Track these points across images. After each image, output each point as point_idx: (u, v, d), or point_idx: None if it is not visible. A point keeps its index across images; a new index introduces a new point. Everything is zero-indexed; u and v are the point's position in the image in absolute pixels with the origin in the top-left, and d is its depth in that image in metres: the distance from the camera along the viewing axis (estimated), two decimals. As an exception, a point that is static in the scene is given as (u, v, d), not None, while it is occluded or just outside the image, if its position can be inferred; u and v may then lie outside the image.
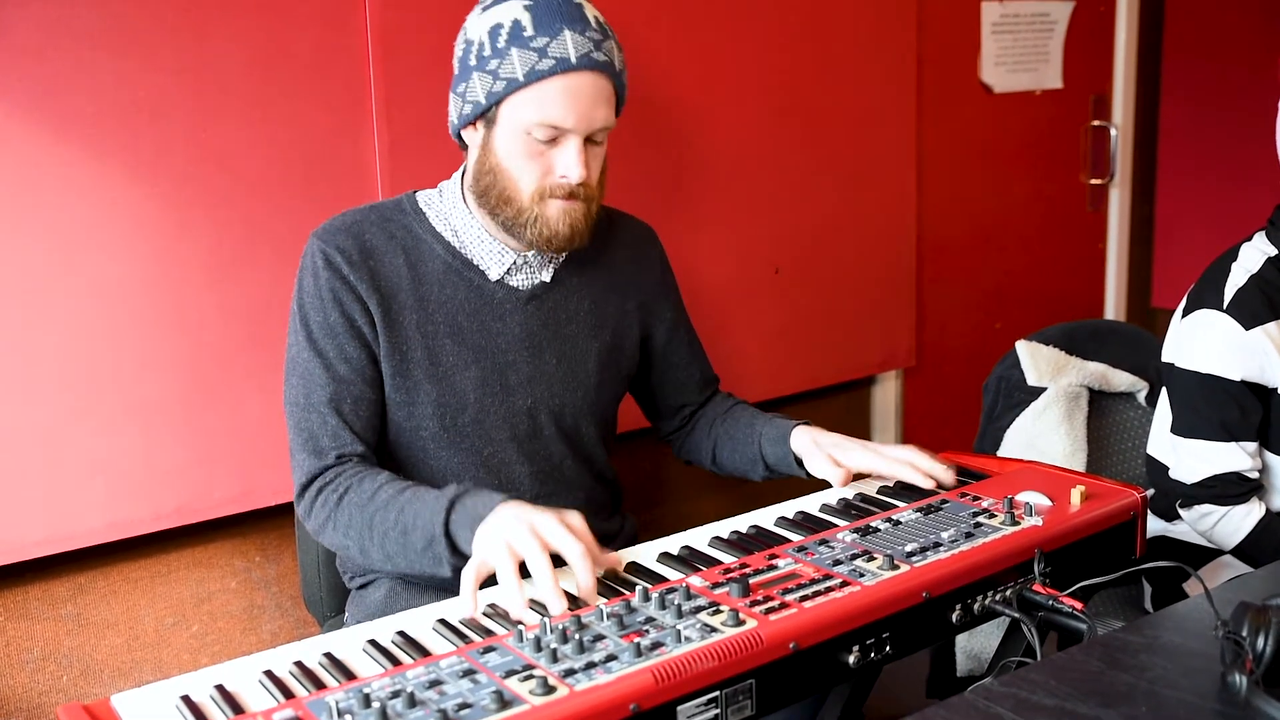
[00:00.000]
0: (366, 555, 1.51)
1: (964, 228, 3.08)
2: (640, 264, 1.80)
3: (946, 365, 3.11)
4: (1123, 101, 3.38)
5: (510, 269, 1.64)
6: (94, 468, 1.87)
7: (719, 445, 1.83)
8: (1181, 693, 1.10)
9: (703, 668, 1.11)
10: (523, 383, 1.66)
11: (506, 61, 1.51)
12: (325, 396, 1.56)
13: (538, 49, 1.50)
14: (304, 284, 1.59)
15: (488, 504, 1.39)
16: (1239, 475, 1.89)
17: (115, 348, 1.87)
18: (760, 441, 1.75)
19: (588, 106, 1.52)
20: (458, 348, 1.62)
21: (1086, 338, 2.31)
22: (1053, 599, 1.33)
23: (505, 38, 1.51)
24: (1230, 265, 1.94)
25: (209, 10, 1.87)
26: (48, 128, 1.77)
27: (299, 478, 1.57)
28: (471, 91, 1.55)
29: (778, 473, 1.76)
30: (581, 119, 1.52)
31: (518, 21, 1.51)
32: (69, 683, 1.97)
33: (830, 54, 2.64)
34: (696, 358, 1.89)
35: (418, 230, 1.63)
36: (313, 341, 1.57)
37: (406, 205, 1.66)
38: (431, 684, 1.08)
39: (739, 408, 1.86)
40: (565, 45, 1.50)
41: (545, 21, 1.50)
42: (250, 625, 2.14)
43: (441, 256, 1.62)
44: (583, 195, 1.56)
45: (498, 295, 1.64)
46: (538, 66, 1.49)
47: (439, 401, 1.62)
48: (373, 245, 1.59)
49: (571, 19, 1.51)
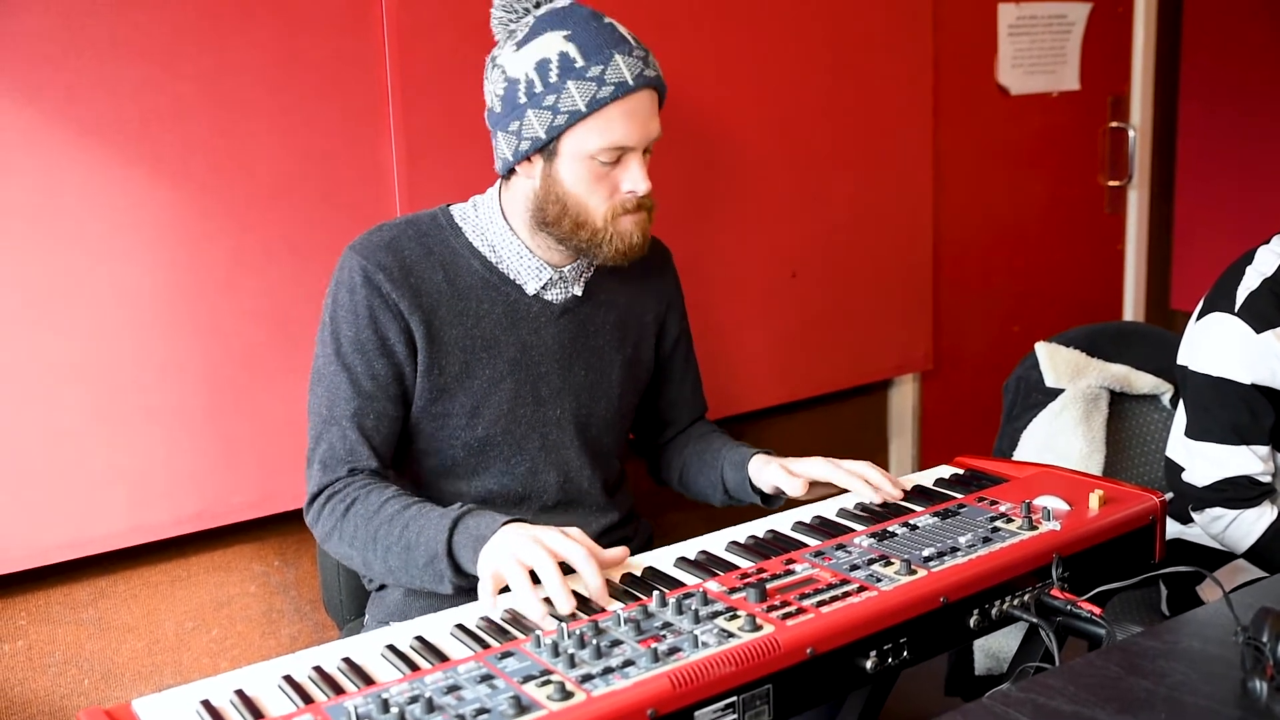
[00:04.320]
0: (369, 567, 1.53)
1: (981, 230, 3.07)
2: (658, 279, 1.83)
3: (964, 368, 3.10)
4: (1141, 103, 3.37)
5: (546, 284, 1.66)
6: (115, 472, 1.88)
7: (687, 466, 1.86)
8: (1201, 699, 1.10)
9: (720, 673, 1.11)
10: (554, 394, 1.69)
11: (565, 95, 1.52)
12: (349, 411, 1.57)
13: (594, 78, 1.51)
14: (339, 298, 1.60)
15: (490, 525, 1.41)
16: (1250, 479, 1.88)
17: (136, 353, 1.88)
18: (722, 465, 1.78)
19: (645, 122, 1.57)
20: (494, 360, 1.64)
21: (1109, 340, 2.31)
22: (1071, 604, 1.33)
23: (556, 72, 1.52)
24: (1244, 269, 1.93)
25: (228, 18, 1.88)
26: (70, 134, 1.79)
27: (311, 487, 1.59)
28: (528, 129, 1.55)
29: (735, 498, 1.79)
30: (642, 136, 1.57)
31: (565, 54, 1.52)
32: (90, 686, 1.99)
33: (847, 57, 2.64)
34: (690, 377, 1.91)
35: (455, 245, 1.65)
36: (341, 356, 1.58)
37: (442, 220, 1.67)
38: (449, 689, 1.08)
39: (715, 434, 1.89)
40: (620, 70, 1.53)
41: (593, 49, 1.52)
42: (269, 629, 2.15)
43: (479, 271, 1.64)
44: (649, 205, 1.62)
45: (534, 309, 1.66)
46: (598, 95, 1.51)
47: (473, 413, 1.63)
48: (412, 261, 1.61)
49: (618, 42, 1.54)
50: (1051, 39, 3.12)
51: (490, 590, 1.32)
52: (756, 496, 1.75)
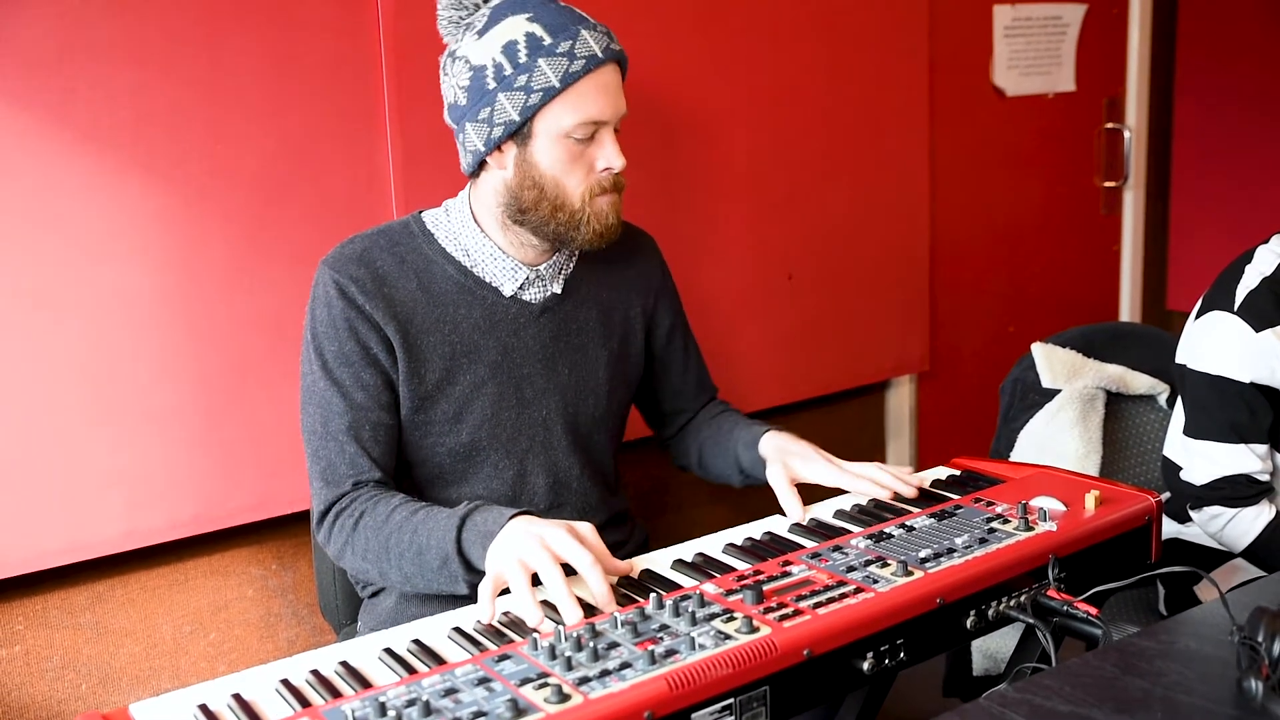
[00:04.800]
0: (385, 578, 1.52)
1: (977, 232, 3.07)
2: (642, 270, 1.82)
3: (960, 369, 3.10)
4: (1136, 104, 3.37)
5: (523, 284, 1.66)
6: (112, 477, 1.88)
7: (704, 449, 1.85)
8: (1197, 698, 1.10)
9: (717, 675, 1.11)
10: (538, 395, 1.68)
11: (537, 73, 1.52)
12: (344, 425, 1.57)
13: (565, 53, 1.52)
14: (317, 313, 1.59)
15: (498, 520, 1.40)
16: (1248, 477, 1.89)
17: (132, 357, 1.88)
18: (736, 446, 1.77)
19: (615, 96, 1.58)
20: (475, 365, 1.63)
21: (1105, 340, 2.31)
22: (1067, 604, 1.33)
23: (526, 52, 1.52)
24: (1244, 268, 1.93)
25: (223, 22, 1.88)
26: (65, 139, 1.78)
27: (317, 505, 1.59)
28: (500, 113, 1.55)
29: (753, 478, 1.77)
30: (615, 109, 1.58)
31: (531, 34, 1.53)
32: (88, 691, 1.99)
33: (842, 59, 2.64)
34: (693, 364, 1.90)
35: (428, 252, 1.64)
36: (328, 371, 1.58)
37: (414, 227, 1.67)
38: (447, 692, 1.08)
39: (726, 413, 1.87)
40: (589, 44, 1.54)
41: (558, 27, 1.54)
42: (267, 633, 2.15)
43: (454, 276, 1.64)
44: (622, 184, 1.62)
45: (512, 311, 1.66)
46: (571, 69, 1.53)
47: (456, 419, 1.63)
48: (385, 271, 1.60)
49: (579, 18, 1.56)
50: (1047, 40, 3.12)
51: (490, 593, 1.31)
52: None
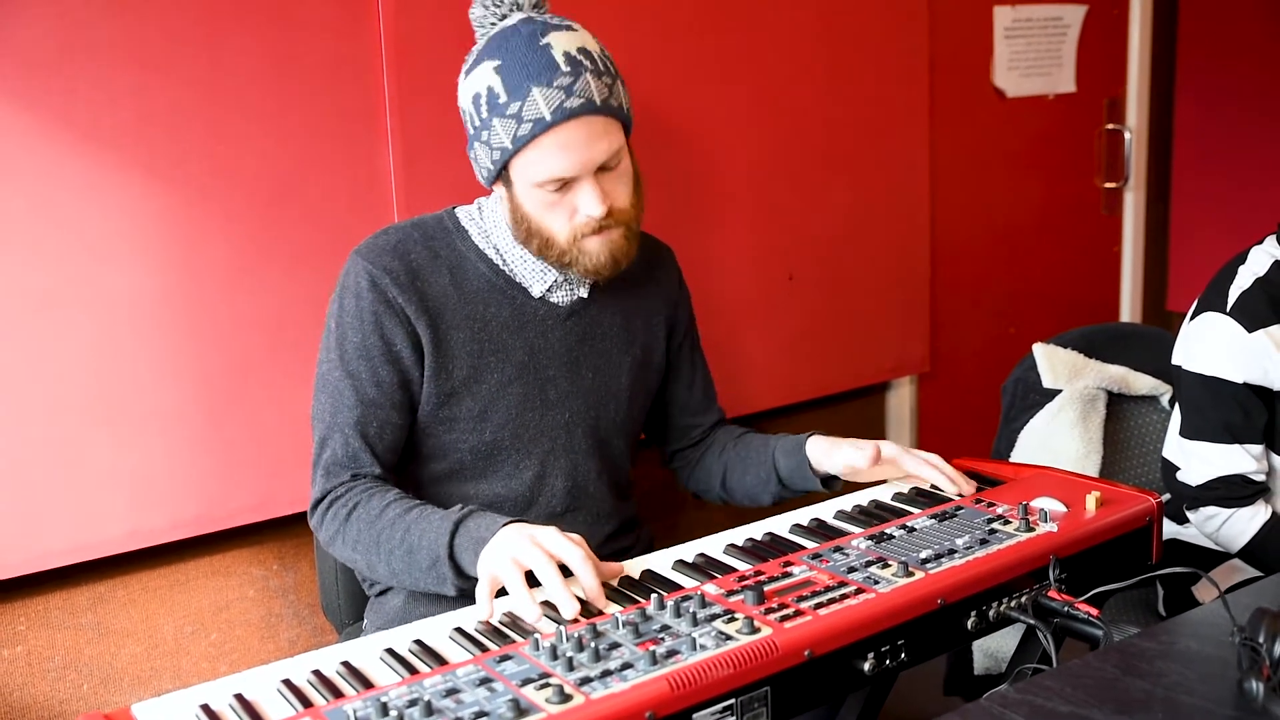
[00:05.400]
0: (373, 570, 1.53)
1: (978, 233, 3.07)
2: (662, 281, 1.82)
3: (961, 370, 3.10)
4: (1137, 105, 3.37)
5: (551, 286, 1.66)
6: (113, 477, 1.88)
7: (729, 469, 1.82)
8: (1197, 699, 1.10)
9: (718, 675, 1.11)
10: (562, 397, 1.68)
11: (493, 132, 1.52)
12: (352, 419, 1.57)
13: (514, 115, 1.49)
14: (344, 303, 1.59)
15: (491, 526, 1.41)
16: (1243, 478, 1.89)
17: (134, 358, 1.88)
18: (774, 455, 1.75)
19: (582, 150, 1.50)
20: (502, 364, 1.64)
21: (1107, 341, 2.31)
22: (1068, 605, 1.33)
23: (486, 108, 1.52)
24: (1237, 268, 1.94)
25: (224, 22, 1.88)
26: (66, 140, 1.79)
27: (314, 492, 1.60)
28: (481, 157, 1.57)
29: (790, 488, 1.75)
30: (581, 163, 1.51)
31: (491, 89, 1.51)
32: (89, 691, 1.99)
33: (842, 61, 2.64)
34: (699, 378, 1.89)
35: (461, 248, 1.64)
36: (345, 362, 1.58)
37: (449, 223, 1.67)
38: (448, 692, 1.09)
39: (751, 434, 1.86)
40: (537, 105, 1.48)
41: (514, 84, 1.49)
42: (268, 633, 2.15)
43: (485, 274, 1.64)
44: (614, 222, 1.56)
45: (540, 312, 1.66)
46: (519, 133, 1.50)
47: (481, 417, 1.63)
48: (419, 265, 1.60)
49: (538, 73, 1.48)
50: (1047, 41, 3.13)
51: (488, 594, 1.32)
52: (815, 480, 1.70)
